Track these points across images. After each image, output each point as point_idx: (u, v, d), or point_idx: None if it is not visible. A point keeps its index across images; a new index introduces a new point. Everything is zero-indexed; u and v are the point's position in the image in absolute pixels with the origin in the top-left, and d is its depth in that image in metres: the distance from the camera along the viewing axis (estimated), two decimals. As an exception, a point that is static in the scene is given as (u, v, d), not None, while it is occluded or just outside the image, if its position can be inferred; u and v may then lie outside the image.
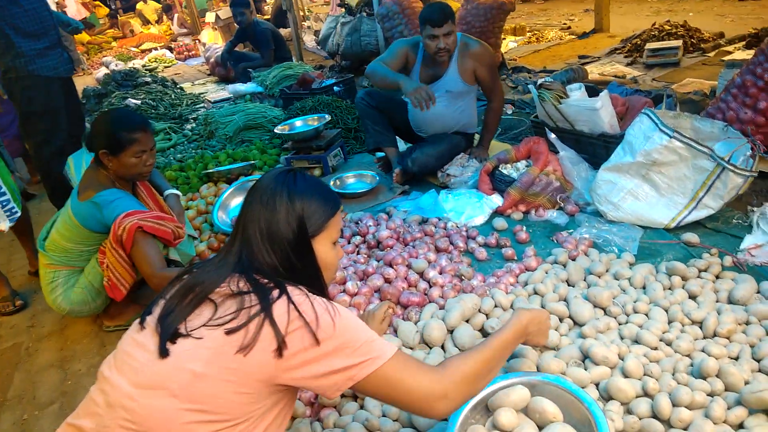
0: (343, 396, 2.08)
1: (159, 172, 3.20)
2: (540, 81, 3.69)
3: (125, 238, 2.44)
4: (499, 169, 3.55)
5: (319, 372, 1.27)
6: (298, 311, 1.28)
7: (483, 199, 3.38)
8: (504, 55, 7.03)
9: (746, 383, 1.72)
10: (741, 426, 1.63)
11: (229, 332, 1.25)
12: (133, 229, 2.44)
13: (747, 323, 2.06)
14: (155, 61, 12.10)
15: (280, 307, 1.28)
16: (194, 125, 6.43)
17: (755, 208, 2.81)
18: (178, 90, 8.44)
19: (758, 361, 1.86)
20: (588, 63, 6.71)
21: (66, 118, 3.91)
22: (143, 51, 14.03)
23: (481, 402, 1.67)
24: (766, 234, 2.61)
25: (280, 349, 1.24)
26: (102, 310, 2.83)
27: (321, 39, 8.69)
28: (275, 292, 1.31)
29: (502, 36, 7.09)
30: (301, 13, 12.93)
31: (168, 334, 1.29)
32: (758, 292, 2.22)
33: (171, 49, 13.57)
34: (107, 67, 11.19)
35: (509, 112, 5.13)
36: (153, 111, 7.12)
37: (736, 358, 1.89)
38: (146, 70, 10.68)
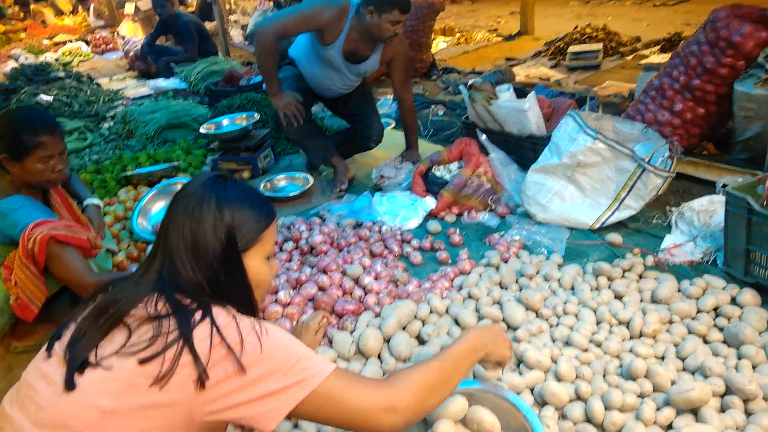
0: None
1: (78, 178, 2.96)
2: (470, 82, 3.72)
3: (37, 252, 2.22)
4: (432, 170, 3.55)
5: (247, 399, 1.15)
6: (221, 336, 1.16)
7: (417, 201, 3.36)
8: (434, 56, 7.07)
9: (673, 383, 1.78)
10: (670, 427, 1.68)
11: (142, 361, 1.12)
12: (45, 241, 2.23)
13: (670, 322, 2.14)
14: (69, 55, 11.37)
15: (201, 332, 1.16)
16: (112, 124, 6.06)
17: (673, 208, 2.94)
18: (95, 86, 7.95)
19: (682, 359, 1.93)
20: (515, 65, 6.87)
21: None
22: (56, 44, 13.14)
23: None
24: (684, 234, 2.74)
25: (202, 379, 1.12)
26: (7, 329, 2.58)
27: (249, 34, 8.46)
28: (197, 315, 1.20)
29: (432, 36, 7.14)
30: (228, 6, 12.52)
31: (76, 364, 1.15)
32: (679, 290, 2.32)
33: (87, 42, 12.78)
34: (16, 60, 10.42)
35: (440, 113, 5.16)
36: (67, 108, 6.66)
37: (662, 358, 1.96)
38: (60, 64, 10.03)
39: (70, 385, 1.13)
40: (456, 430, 1.59)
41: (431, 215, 3.32)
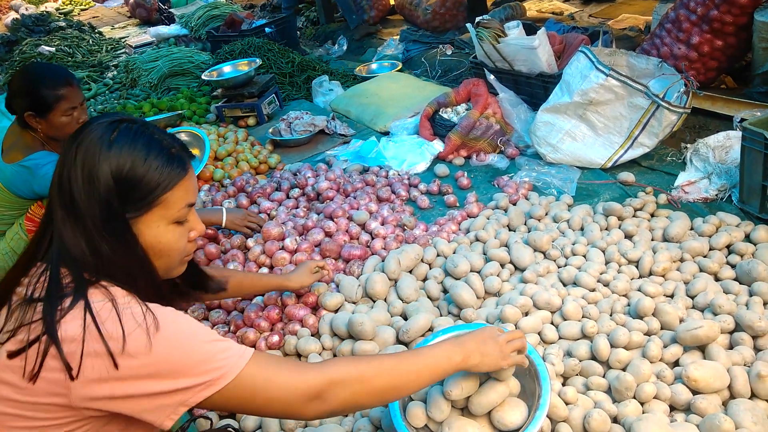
0: (286, 355, 2.03)
1: None
2: (478, 19, 3.58)
3: None
4: (439, 113, 3.47)
5: (130, 394, 1.00)
6: (97, 329, 0.98)
7: (424, 145, 3.31)
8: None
9: (681, 321, 1.77)
10: (677, 363, 1.67)
11: (10, 355, 1.00)
12: None
13: (681, 260, 2.11)
14: (70, 4, 11.14)
15: (71, 327, 0.98)
16: (115, 73, 6.00)
17: (688, 145, 2.86)
18: (96, 35, 7.83)
19: (692, 297, 1.91)
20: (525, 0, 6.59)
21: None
22: (56, -8, 12.87)
23: None
24: (699, 171, 2.67)
25: (72, 378, 0.98)
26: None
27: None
28: (67, 301, 1.01)
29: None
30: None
31: None
32: (692, 228, 2.28)
33: (86, -10, 12.49)
34: (16, 11, 10.22)
35: (448, 52, 5.00)
36: (69, 59, 6.59)
37: (672, 296, 1.94)
38: (60, 14, 9.83)
39: None
40: None
41: (439, 159, 3.26)
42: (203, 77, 4.21)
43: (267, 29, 5.49)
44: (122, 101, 4.88)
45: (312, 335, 2.03)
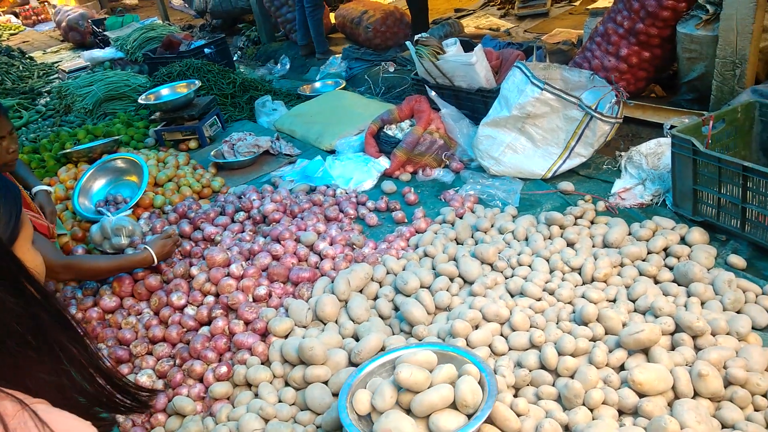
0: (235, 386, 1.97)
1: (23, 163, 2.81)
2: (417, 37, 3.63)
3: None
4: (384, 130, 3.48)
5: None
6: None
7: (370, 162, 3.31)
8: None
9: (624, 325, 1.82)
10: (622, 367, 1.71)
11: None
12: None
13: (621, 265, 2.17)
14: (-3, 28, 10.70)
15: None
16: (48, 99, 5.77)
17: (622, 153, 2.96)
18: (27, 60, 7.54)
19: (633, 301, 1.97)
20: (463, 16, 6.75)
21: None
22: (-19, 17, 12.34)
23: (389, 362, 1.70)
24: (634, 177, 2.77)
25: None
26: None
27: (187, -3, 8.07)
28: None
29: (379, -10, 6.94)
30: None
31: None
32: (630, 234, 2.35)
33: (16, 15, 12.04)
34: (-63, 36, 9.74)
35: (391, 69, 5.06)
36: (-3, 86, 6.30)
37: (614, 301, 2.00)
38: (-14, 38, 9.41)
39: None
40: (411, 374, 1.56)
41: (386, 175, 3.27)
42: (140, 101, 4.10)
43: (206, 50, 5.41)
44: (56, 128, 4.68)
45: (262, 363, 1.98)
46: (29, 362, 0.83)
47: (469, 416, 1.50)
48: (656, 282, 2.10)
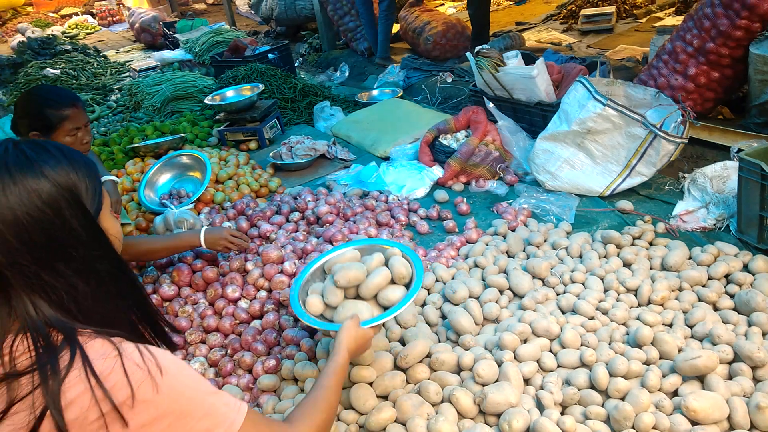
0: (283, 379, 2.02)
1: (94, 154, 2.98)
2: (477, 48, 3.64)
3: None
4: (439, 139, 3.50)
5: None
6: (104, 390, 0.92)
7: (424, 170, 3.33)
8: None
9: (680, 350, 1.76)
10: (676, 393, 1.66)
11: None
12: None
13: (680, 289, 2.11)
14: (76, 28, 11.32)
15: (73, 392, 0.92)
16: (119, 96, 6.06)
17: (686, 174, 2.88)
18: (101, 58, 7.93)
19: (691, 327, 1.90)
20: (525, 30, 6.71)
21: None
22: (63, 17, 13.10)
23: (318, 268, 1.94)
24: (697, 200, 2.69)
25: None
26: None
27: (254, 3, 8.32)
28: (63, 360, 0.93)
29: (441, 1, 6.99)
30: (233, -24, 12.32)
31: None
32: (690, 258, 2.28)
33: (93, 15, 12.73)
34: (22, 34, 10.39)
35: (449, 80, 5.07)
36: (74, 81, 6.67)
37: (670, 325, 1.94)
38: (66, 37, 9.98)
39: None
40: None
41: (438, 184, 3.29)
42: (206, 101, 4.26)
43: (270, 55, 5.57)
44: (125, 123, 4.92)
45: (309, 359, 2.02)
46: (115, 309, 1.09)
47: (406, 286, 1.78)
48: (715, 309, 2.03)
